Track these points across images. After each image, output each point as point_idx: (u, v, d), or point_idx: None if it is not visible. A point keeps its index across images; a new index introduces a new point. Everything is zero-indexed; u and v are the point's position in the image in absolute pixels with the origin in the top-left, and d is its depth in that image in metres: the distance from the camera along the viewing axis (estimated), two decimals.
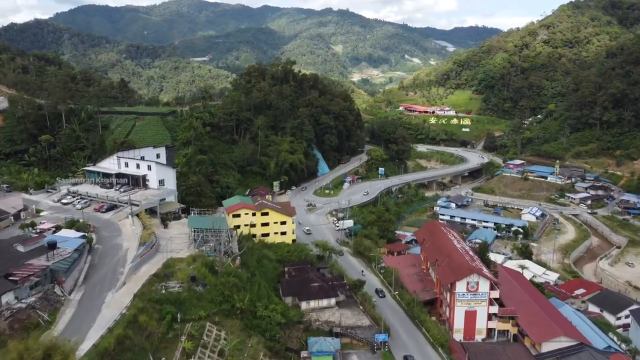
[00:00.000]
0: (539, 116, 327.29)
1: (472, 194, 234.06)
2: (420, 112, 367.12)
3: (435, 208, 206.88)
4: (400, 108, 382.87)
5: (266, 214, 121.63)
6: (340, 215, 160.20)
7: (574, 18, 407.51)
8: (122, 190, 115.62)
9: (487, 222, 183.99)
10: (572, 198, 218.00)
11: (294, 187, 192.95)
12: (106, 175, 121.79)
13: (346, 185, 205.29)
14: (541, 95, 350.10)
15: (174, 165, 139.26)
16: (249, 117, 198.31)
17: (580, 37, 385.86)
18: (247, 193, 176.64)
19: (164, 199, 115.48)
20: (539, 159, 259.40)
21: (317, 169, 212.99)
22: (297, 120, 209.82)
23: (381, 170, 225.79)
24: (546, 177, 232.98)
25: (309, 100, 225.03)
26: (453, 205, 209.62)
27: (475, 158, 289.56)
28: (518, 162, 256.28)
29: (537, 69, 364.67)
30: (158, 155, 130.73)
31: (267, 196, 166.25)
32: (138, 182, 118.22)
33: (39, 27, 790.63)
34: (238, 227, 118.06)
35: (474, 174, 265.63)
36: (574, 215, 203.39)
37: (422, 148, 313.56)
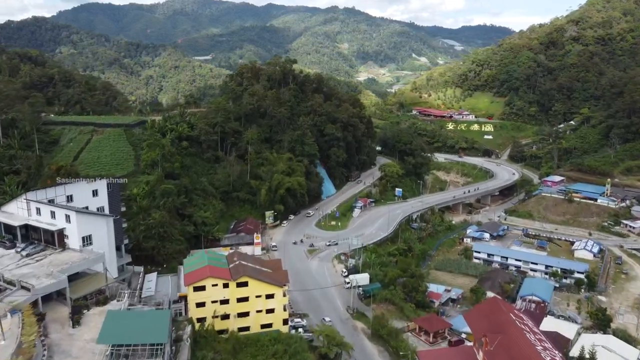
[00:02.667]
0: (571, 122, 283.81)
1: (505, 218, 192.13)
2: (436, 116, 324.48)
3: (465, 240, 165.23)
4: (414, 111, 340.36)
5: (245, 284, 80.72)
6: (351, 262, 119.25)
7: (604, 13, 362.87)
8: (25, 253, 75.14)
9: (536, 264, 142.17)
10: (630, 227, 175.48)
11: (291, 217, 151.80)
12: (9, 227, 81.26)
13: (357, 211, 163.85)
14: (572, 99, 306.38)
15: (122, 204, 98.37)
16: (237, 129, 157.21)
17: (613, 33, 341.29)
18: (231, 227, 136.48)
19: (90, 267, 75.04)
20: (581, 174, 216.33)
21: (321, 191, 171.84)
22: (297, 132, 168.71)
23: (398, 191, 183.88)
24: (595, 199, 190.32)
25: (311, 107, 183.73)
26: (487, 235, 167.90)
27: (503, 172, 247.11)
28: (557, 178, 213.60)
29: (566, 69, 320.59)
30: (95, 193, 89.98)
31: (255, 235, 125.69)
32: (53, 239, 77.65)
33: (37, 24, 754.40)
34: (202, 304, 78.18)
35: (504, 191, 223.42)
36: (637, 250, 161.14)
37: (439, 157, 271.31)
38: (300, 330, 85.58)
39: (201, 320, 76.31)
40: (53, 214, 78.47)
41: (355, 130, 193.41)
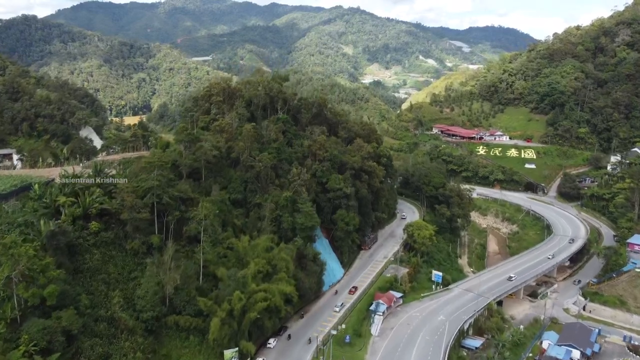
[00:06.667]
0: (636, 149, 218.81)
1: (584, 307, 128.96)
2: (462, 137, 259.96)
3: None
4: (435, 130, 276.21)
5: None
6: None
7: None
8: None
9: None
10: None
11: (271, 343, 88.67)
12: None
13: (377, 321, 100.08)
14: (631, 118, 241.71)
15: None
16: (186, 196, 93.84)
17: None
18: None
19: None
20: None
21: (322, 281, 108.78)
22: (286, 193, 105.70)
23: (437, 276, 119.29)
24: None
25: (309, 149, 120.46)
26: (576, 354, 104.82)
27: (559, 218, 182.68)
28: None
29: (621, 80, 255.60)
30: None
31: None
32: None
33: (27, 23, 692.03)
34: None
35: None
36: None
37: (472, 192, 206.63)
38: None
39: None
40: None
41: (372, 178, 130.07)
